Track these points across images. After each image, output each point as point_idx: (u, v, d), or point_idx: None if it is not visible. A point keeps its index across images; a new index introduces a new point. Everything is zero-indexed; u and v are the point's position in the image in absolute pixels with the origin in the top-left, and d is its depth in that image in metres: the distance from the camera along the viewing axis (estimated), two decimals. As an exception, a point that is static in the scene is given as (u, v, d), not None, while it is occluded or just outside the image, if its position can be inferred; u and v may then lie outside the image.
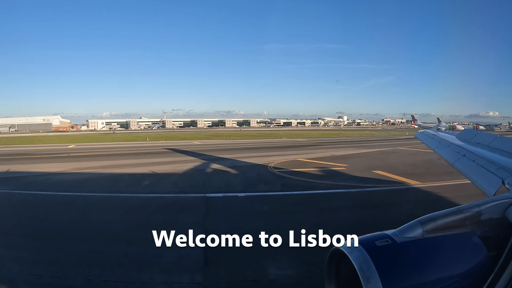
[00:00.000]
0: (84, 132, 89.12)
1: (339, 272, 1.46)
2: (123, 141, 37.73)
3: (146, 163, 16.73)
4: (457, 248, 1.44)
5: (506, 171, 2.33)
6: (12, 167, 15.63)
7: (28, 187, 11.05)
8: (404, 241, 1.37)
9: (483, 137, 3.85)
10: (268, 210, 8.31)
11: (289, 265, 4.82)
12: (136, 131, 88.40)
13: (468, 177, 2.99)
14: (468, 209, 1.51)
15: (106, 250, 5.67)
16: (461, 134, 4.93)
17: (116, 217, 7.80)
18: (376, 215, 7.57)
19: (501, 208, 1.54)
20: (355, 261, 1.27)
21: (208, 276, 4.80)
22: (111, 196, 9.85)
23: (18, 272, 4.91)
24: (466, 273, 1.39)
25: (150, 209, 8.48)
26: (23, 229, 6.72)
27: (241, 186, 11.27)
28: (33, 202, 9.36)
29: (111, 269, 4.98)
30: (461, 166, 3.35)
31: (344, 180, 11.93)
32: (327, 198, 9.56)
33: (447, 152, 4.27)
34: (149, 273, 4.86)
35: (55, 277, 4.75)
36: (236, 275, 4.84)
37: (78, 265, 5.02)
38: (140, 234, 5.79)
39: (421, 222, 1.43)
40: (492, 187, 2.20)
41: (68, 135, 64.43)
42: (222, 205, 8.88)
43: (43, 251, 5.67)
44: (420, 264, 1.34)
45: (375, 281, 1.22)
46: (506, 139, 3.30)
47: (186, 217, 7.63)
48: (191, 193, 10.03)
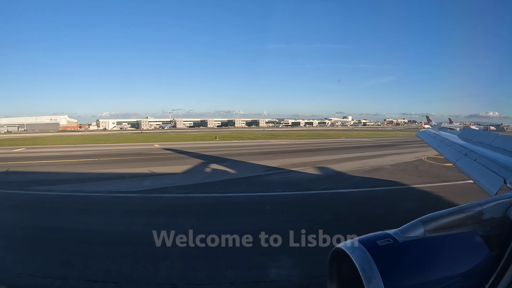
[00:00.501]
0: (101, 132, 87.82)
1: (341, 271, 1.45)
2: (193, 141, 38.23)
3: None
4: (459, 247, 1.44)
5: (508, 170, 2.32)
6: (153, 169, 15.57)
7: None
8: (406, 241, 1.36)
9: (485, 136, 3.84)
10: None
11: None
12: (150, 131, 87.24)
13: (469, 176, 2.98)
14: (470, 209, 1.50)
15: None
16: (463, 133, 4.92)
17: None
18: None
19: (503, 207, 1.54)
20: (357, 260, 1.27)
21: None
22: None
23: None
24: (468, 272, 1.38)
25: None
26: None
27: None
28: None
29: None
30: (463, 165, 3.34)
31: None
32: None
33: (448, 151, 4.26)
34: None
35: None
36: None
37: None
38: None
39: (422, 221, 1.43)
40: (494, 186, 2.19)
41: (105, 134, 63.62)
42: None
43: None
44: (422, 263, 1.33)
45: (376, 281, 1.21)
46: (508, 138, 3.29)
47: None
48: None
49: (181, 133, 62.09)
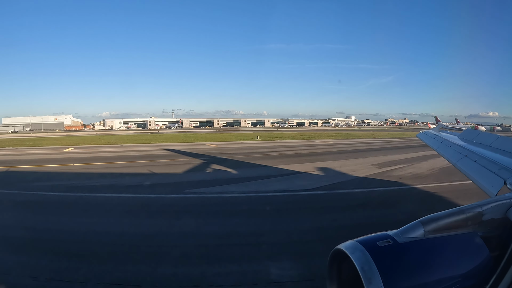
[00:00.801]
0: (111, 132, 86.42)
1: (340, 272, 1.45)
2: (240, 141, 37.16)
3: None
4: (459, 248, 1.43)
5: (508, 171, 2.31)
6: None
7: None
8: (406, 242, 1.36)
9: (485, 137, 3.84)
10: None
11: None
12: (161, 131, 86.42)
13: (470, 177, 2.98)
14: (470, 210, 1.50)
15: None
16: (463, 134, 4.91)
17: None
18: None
19: (503, 208, 1.53)
20: (357, 261, 1.27)
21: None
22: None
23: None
24: (468, 273, 1.38)
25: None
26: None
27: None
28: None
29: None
30: (463, 166, 3.33)
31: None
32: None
33: (449, 153, 4.26)
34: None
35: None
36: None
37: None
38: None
39: (422, 222, 1.42)
40: (494, 187, 2.19)
41: (120, 134, 60.75)
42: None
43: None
44: (422, 264, 1.33)
45: (376, 282, 1.21)
46: (508, 139, 3.29)
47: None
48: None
49: (207, 133, 58.10)
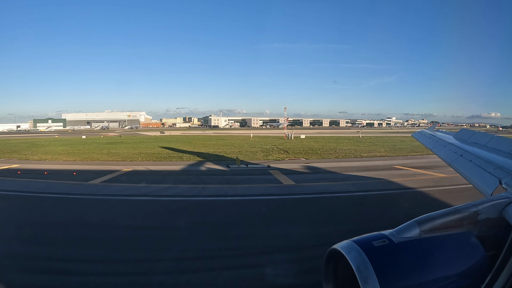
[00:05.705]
0: (230, 131, 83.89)
1: (336, 272, 1.45)
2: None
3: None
4: (454, 248, 1.44)
5: (503, 171, 2.32)
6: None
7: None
8: (402, 241, 1.36)
9: (480, 137, 3.85)
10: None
11: None
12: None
13: (465, 177, 2.99)
14: (465, 209, 1.50)
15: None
16: (458, 133, 4.92)
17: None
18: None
19: (498, 208, 1.54)
20: (353, 261, 1.26)
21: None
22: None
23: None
24: (464, 273, 1.38)
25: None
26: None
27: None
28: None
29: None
30: (458, 166, 3.34)
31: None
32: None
33: (444, 152, 4.26)
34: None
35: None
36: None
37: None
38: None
39: (418, 222, 1.42)
40: (489, 187, 2.19)
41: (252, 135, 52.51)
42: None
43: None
44: (418, 264, 1.33)
45: (372, 282, 1.21)
46: (503, 139, 3.30)
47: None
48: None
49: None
